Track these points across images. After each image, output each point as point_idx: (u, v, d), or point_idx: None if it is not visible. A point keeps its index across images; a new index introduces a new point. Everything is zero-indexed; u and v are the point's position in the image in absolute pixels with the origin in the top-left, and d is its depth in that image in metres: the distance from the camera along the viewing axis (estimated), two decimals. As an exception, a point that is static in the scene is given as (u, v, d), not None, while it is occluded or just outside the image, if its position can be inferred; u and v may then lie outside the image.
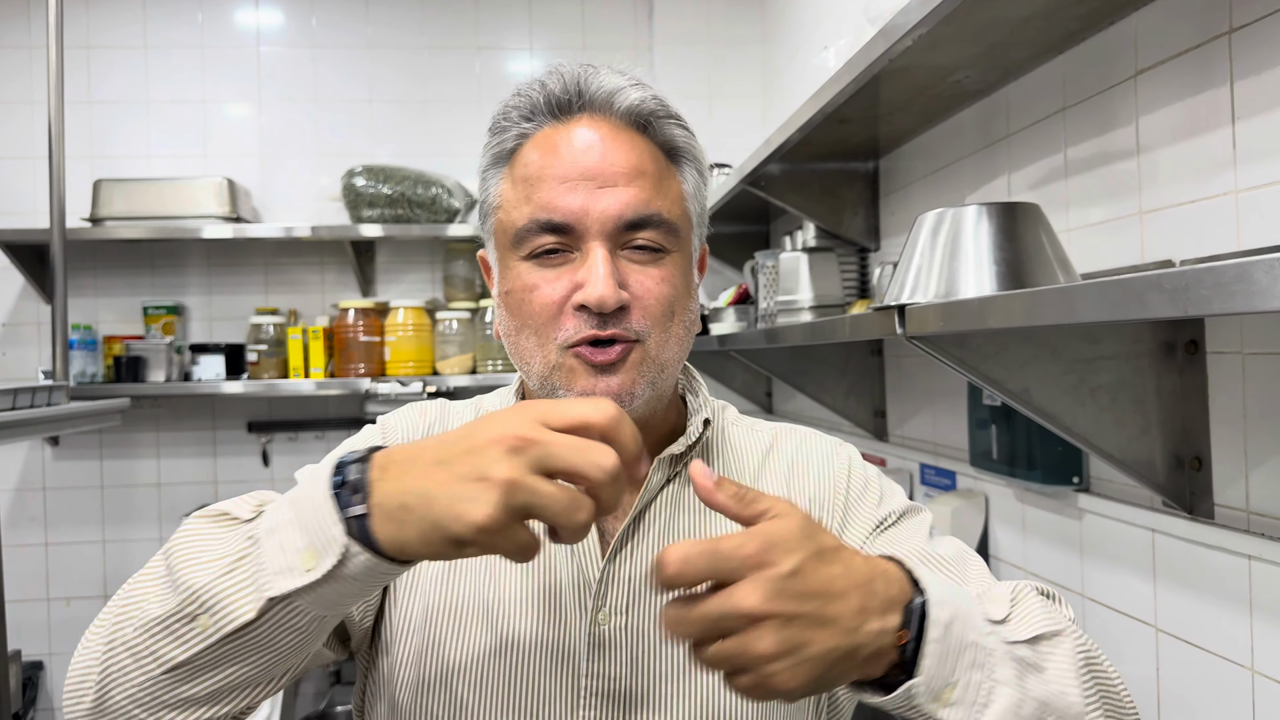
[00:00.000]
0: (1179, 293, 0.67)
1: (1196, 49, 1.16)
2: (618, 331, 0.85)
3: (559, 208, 0.85)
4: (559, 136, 0.89)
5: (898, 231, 2.11)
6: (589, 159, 0.86)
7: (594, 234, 0.85)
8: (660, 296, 0.87)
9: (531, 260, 0.87)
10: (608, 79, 0.90)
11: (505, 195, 0.90)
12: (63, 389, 2.33)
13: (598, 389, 0.86)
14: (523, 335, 0.88)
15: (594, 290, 0.83)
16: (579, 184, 0.86)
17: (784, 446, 1.02)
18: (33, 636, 3.28)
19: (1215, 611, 1.16)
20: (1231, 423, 1.14)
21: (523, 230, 0.87)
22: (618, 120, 0.89)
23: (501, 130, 0.92)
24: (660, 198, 0.88)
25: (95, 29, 3.33)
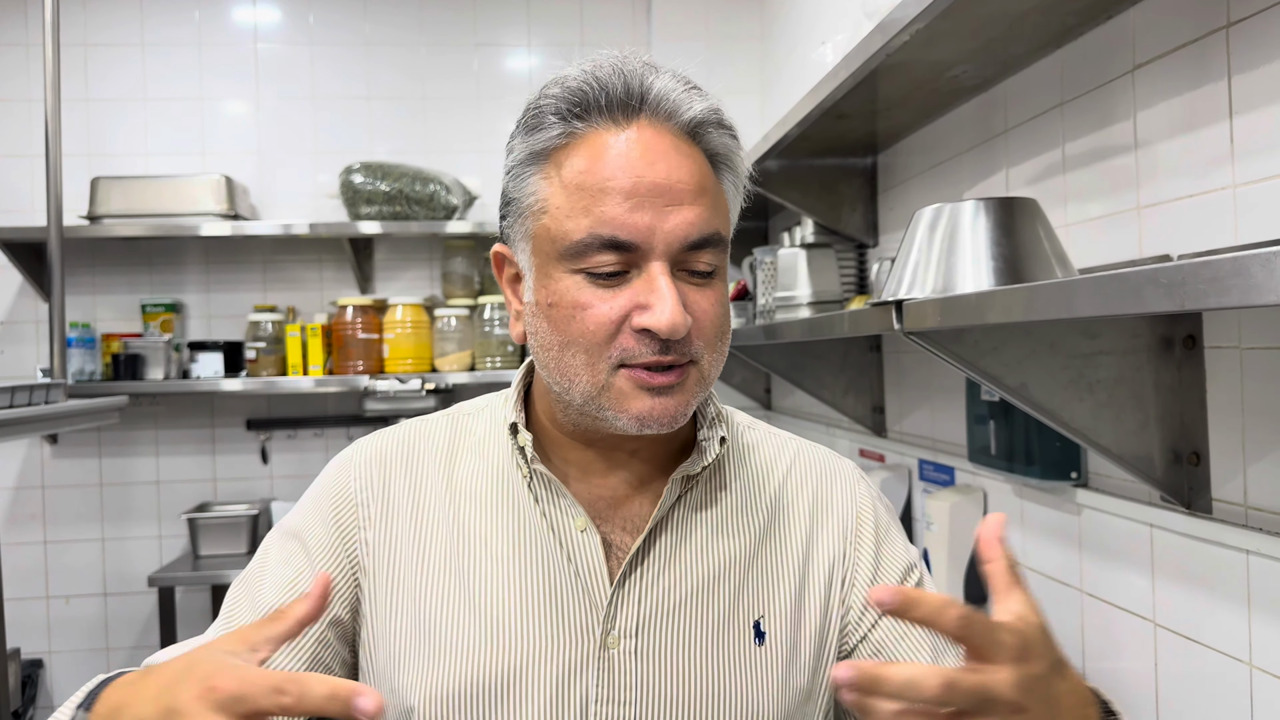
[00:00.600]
0: (1175, 287, 0.67)
1: (1194, 43, 1.16)
2: (678, 356, 0.82)
3: (626, 225, 0.80)
4: (619, 143, 0.82)
5: (896, 227, 2.11)
6: (655, 173, 0.81)
7: (658, 254, 0.81)
8: (715, 319, 0.85)
9: (583, 275, 0.82)
10: (670, 84, 0.84)
11: (553, 201, 0.83)
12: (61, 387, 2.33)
13: (654, 410, 0.82)
14: (569, 352, 0.83)
15: (663, 317, 0.79)
16: (645, 200, 0.80)
17: (809, 462, 1.00)
18: (32, 634, 3.28)
19: (1213, 606, 1.16)
20: (1230, 417, 1.14)
21: (579, 245, 0.81)
22: (677, 130, 0.84)
23: (541, 125, 0.84)
24: (718, 216, 0.85)
25: (92, 26, 3.33)
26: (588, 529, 0.89)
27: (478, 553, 0.90)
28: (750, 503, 0.95)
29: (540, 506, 0.91)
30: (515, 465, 0.93)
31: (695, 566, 0.90)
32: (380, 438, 0.99)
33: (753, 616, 0.91)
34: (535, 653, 0.86)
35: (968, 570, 1.72)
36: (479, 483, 0.93)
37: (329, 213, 3.35)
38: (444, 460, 0.95)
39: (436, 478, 0.94)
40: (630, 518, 0.92)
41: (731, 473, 0.96)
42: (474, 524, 0.91)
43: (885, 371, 2.24)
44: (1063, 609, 1.50)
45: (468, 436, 0.97)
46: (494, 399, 1.01)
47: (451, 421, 0.99)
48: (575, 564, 0.89)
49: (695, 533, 0.92)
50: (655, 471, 0.93)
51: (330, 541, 0.92)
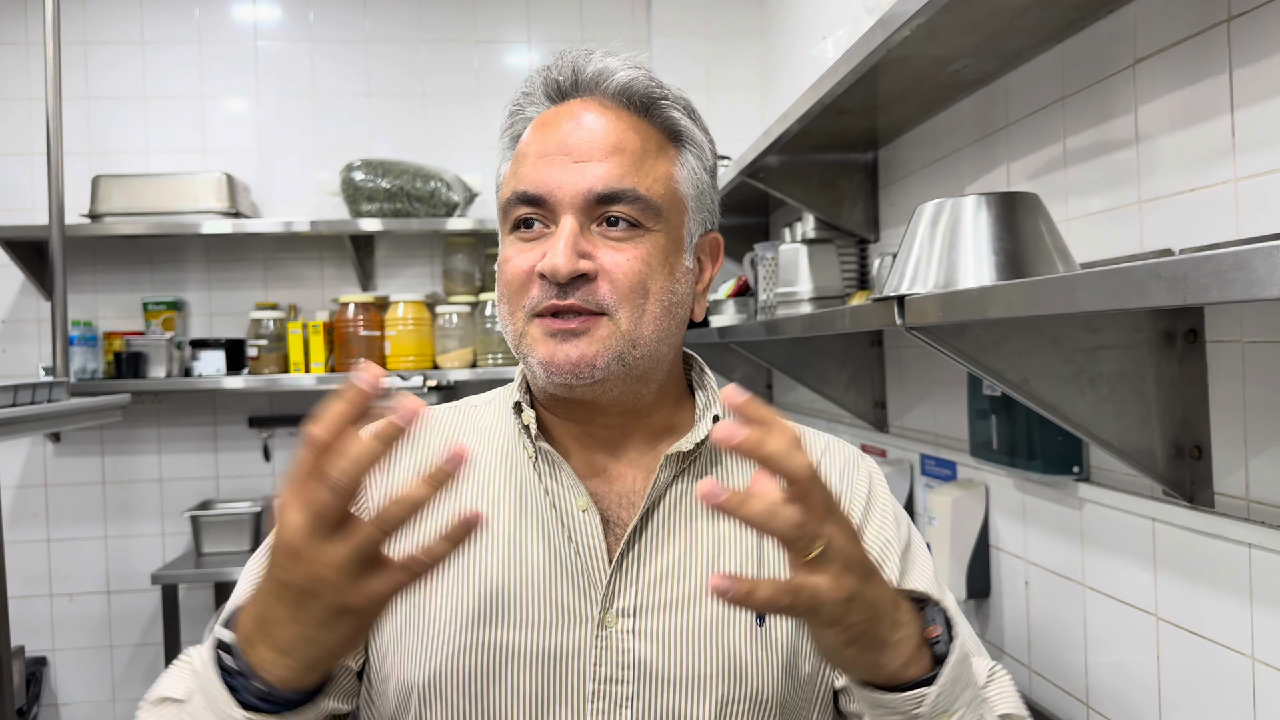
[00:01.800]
0: (1178, 281, 0.67)
1: (1195, 37, 1.16)
2: (576, 302, 0.86)
3: (534, 180, 0.88)
4: (550, 117, 0.92)
5: (897, 222, 2.11)
6: (569, 136, 0.89)
7: (565, 206, 0.87)
8: (630, 272, 0.88)
9: (513, 234, 0.91)
10: (600, 61, 0.92)
11: (503, 174, 0.95)
12: (63, 385, 2.33)
13: (557, 356, 0.87)
14: (501, 306, 0.92)
15: (550, 259, 0.85)
16: (556, 158, 0.88)
17: (810, 446, 0.99)
18: (36, 632, 3.29)
19: (1215, 600, 1.16)
20: (1231, 411, 1.14)
21: (505, 203, 0.91)
22: (610, 101, 0.92)
23: (512, 116, 0.96)
24: (637, 175, 0.89)
25: (92, 25, 3.33)
26: (589, 509, 0.90)
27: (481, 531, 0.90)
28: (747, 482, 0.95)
29: (544, 484, 0.92)
30: (520, 446, 0.95)
31: (694, 546, 0.91)
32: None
33: None
34: (533, 630, 0.87)
35: (969, 566, 1.73)
36: (483, 462, 0.95)
37: (330, 210, 3.35)
38: (449, 440, 0.98)
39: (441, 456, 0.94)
40: (627, 494, 0.93)
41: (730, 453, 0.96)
42: (476, 502, 0.93)
43: (887, 366, 2.24)
44: (1066, 603, 1.50)
45: (474, 424, 1.00)
46: (500, 392, 1.03)
47: (458, 412, 1.02)
48: (575, 542, 0.90)
49: (693, 513, 0.92)
50: (649, 450, 0.95)
51: None
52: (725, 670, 0.88)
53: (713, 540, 0.92)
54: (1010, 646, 1.68)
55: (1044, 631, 1.57)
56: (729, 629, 0.90)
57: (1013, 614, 1.67)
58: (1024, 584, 1.63)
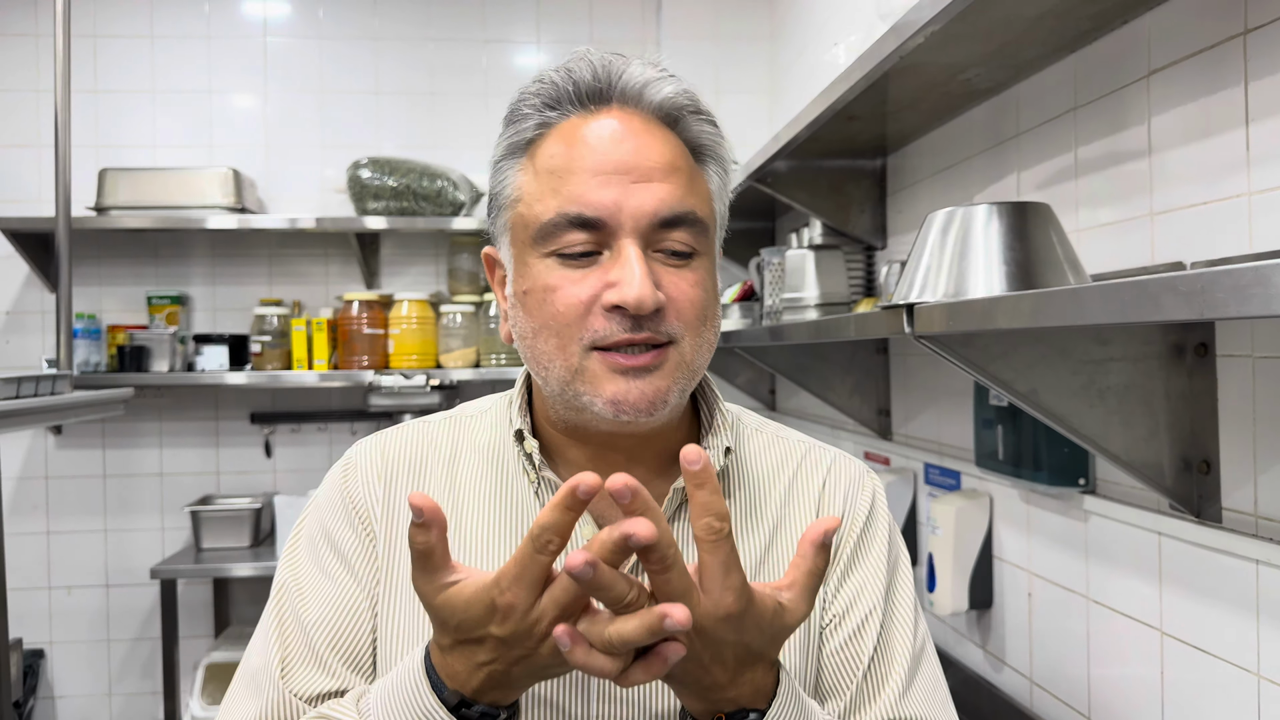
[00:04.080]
0: (1195, 295, 0.67)
1: (1210, 49, 1.16)
2: (652, 335, 0.80)
3: (591, 202, 0.80)
4: (587, 127, 0.83)
5: (905, 230, 2.11)
6: (623, 152, 0.81)
7: (627, 231, 0.80)
8: (694, 300, 0.83)
9: (555, 258, 0.82)
10: (639, 70, 0.85)
11: (526, 188, 0.84)
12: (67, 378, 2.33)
13: (631, 395, 0.81)
14: (541, 338, 0.83)
15: (631, 290, 0.78)
16: (612, 177, 0.80)
17: (816, 464, 0.98)
18: (34, 625, 3.28)
19: (1221, 616, 1.16)
20: (1241, 426, 1.13)
21: (549, 225, 0.81)
22: (648, 114, 0.85)
23: (520, 119, 0.86)
24: (693, 195, 0.84)
25: (102, 18, 3.33)
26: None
27: (481, 559, 0.88)
28: (756, 508, 0.93)
29: None
30: (521, 471, 0.91)
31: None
32: (384, 441, 0.96)
33: None
34: None
35: (972, 576, 1.72)
36: (483, 487, 0.91)
37: (336, 207, 3.35)
38: (447, 465, 0.93)
39: (440, 482, 0.92)
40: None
41: (737, 479, 0.94)
42: (478, 529, 0.89)
43: (892, 374, 2.23)
44: (1069, 616, 1.49)
45: (471, 440, 0.95)
46: (497, 401, 0.99)
47: (454, 424, 0.97)
48: None
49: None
50: (658, 474, 0.91)
51: (361, 541, 0.90)
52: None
53: None
54: (1011, 658, 1.68)
55: (1046, 643, 1.57)
56: None
57: (1015, 625, 1.66)
58: (1027, 595, 1.62)
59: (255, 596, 3.38)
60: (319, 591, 0.90)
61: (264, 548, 3.17)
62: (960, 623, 1.85)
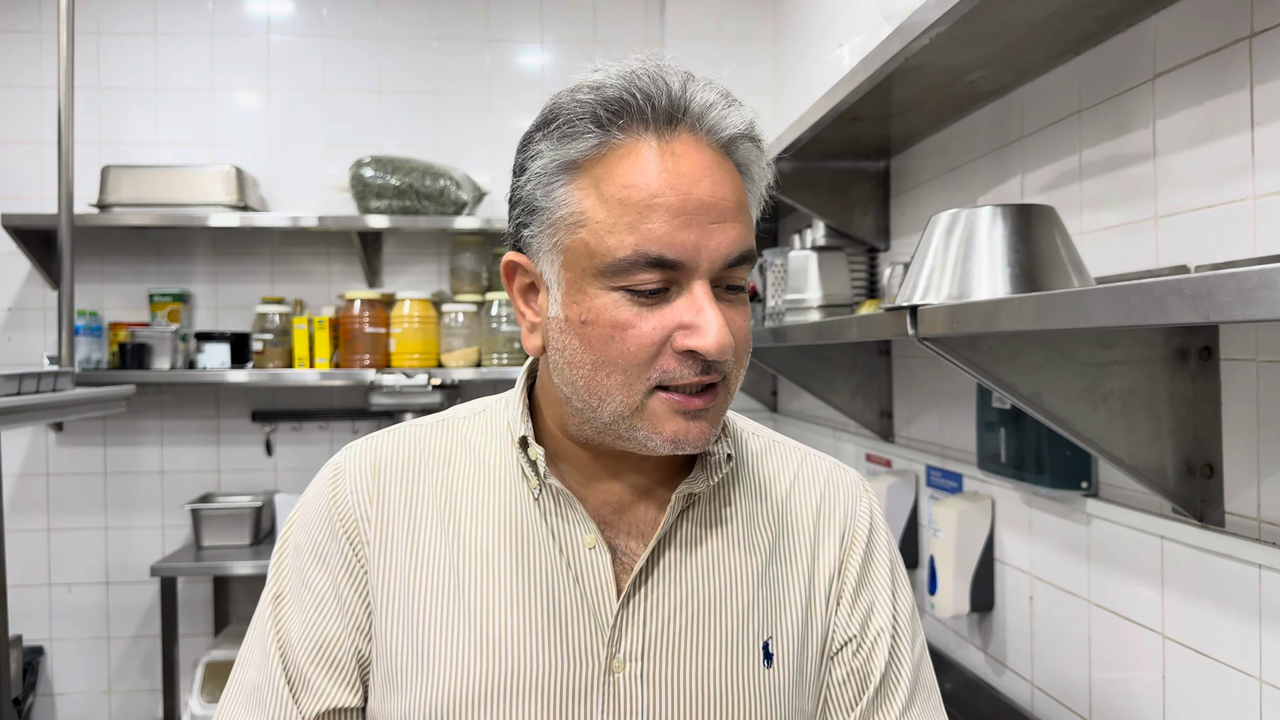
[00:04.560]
0: (1201, 298, 0.66)
1: (1216, 53, 1.15)
2: (715, 376, 0.80)
3: (674, 244, 0.77)
4: (664, 157, 0.78)
5: (908, 231, 2.11)
6: (702, 191, 0.78)
7: (702, 272, 0.79)
8: (746, 335, 0.84)
9: (624, 293, 0.79)
10: (710, 94, 0.81)
11: (592, 215, 0.79)
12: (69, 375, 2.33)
13: (690, 433, 0.81)
14: (603, 372, 0.80)
15: (710, 339, 0.77)
16: (693, 218, 0.78)
17: (813, 473, 0.98)
18: (34, 622, 3.28)
19: (1224, 620, 1.15)
20: (1244, 430, 1.13)
21: (624, 262, 0.77)
22: (716, 144, 0.82)
23: (575, 134, 0.80)
24: (751, 232, 0.83)
25: (106, 15, 3.33)
26: (596, 546, 0.87)
27: (477, 567, 0.87)
28: (757, 517, 0.93)
29: (548, 521, 0.88)
30: (521, 476, 0.90)
31: (702, 585, 0.88)
32: (374, 444, 0.94)
33: (762, 637, 0.89)
34: (535, 674, 0.84)
35: (973, 579, 1.72)
36: (478, 493, 0.90)
37: (338, 206, 3.35)
38: (441, 470, 0.92)
39: (434, 488, 0.91)
40: (636, 524, 0.90)
41: (737, 486, 0.94)
42: (473, 536, 0.88)
43: (894, 376, 2.23)
44: (1070, 619, 1.49)
45: (465, 444, 0.93)
46: (491, 404, 0.97)
47: (447, 428, 0.95)
48: (582, 583, 0.86)
49: (701, 549, 0.89)
50: (661, 479, 0.91)
51: (347, 561, 0.90)
52: (737, 714, 0.86)
53: (722, 577, 0.89)
54: (1013, 661, 1.67)
55: (1048, 646, 1.56)
56: (738, 670, 0.87)
57: (1016, 628, 1.66)
58: (1028, 598, 1.62)
59: (255, 595, 3.36)
60: (303, 606, 0.90)
61: (264, 546, 3.16)
62: (961, 625, 1.85)
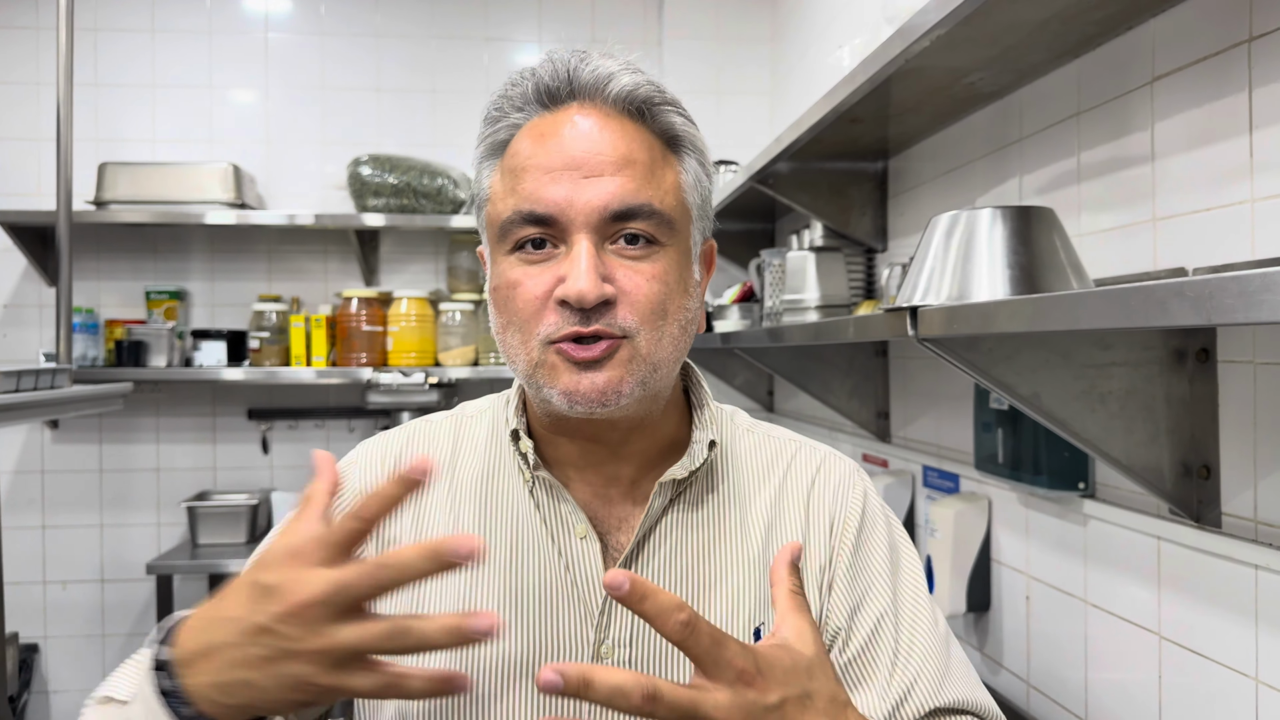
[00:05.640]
0: (1202, 301, 0.67)
1: (1215, 56, 1.16)
2: (600, 328, 0.81)
3: (542, 199, 0.82)
4: (547, 126, 0.85)
5: (906, 232, 2.11)
6: (575, 148, 0.83)
7: (579, 226, 0.82)
8: (650, 294, 0.83)
9: (516, 254, 0.84)
10: (599, 64, 0.86)
11: (494, 188, 0.87)
12: (66, 372, 2.33)
13: (581, 385, 0.82)
14: (508, 332, 0.85)
15: (574, 285, 0.80)
16: (563, 174, 0.82)
17: (806, 463, 0.98)
18: (29, 619, 3.28)
19: (1220, 620, 1.16)
20: (1241, 432, 1.14)
21: (506, 222, 0.84)
22: (610, 108, 0.86)
23: (494, 121, 0.89)
24: (651, 187, 0.84)
25: (103, 12, 3.32)
26: (588, 536, 0.88)
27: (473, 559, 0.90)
28: (747, 507, 0.94)
29: (540, 513, 0.90)
30: (517, 469, 0.92)
31: (691, 573, 0.90)
32: (385, 437, 0.99)
33: (753, 624, 0.89)
34: (526, 659, 0.86)
35: (970, 579, 1.72)
36: (479, 485, 0.93)
37: (335, 204, 3.35)
38: (447, 460, 0.95)
39: (442, 482, 0.94)
40: (625, 517, 0.91)
41: (728, 476, 0.95)
42: (472, 526, 0.91)
43: (891, 377, 2.23)
44: (1067, 619, 1.50)
45: (471, 439, 0.97)
46: (497, 400, 1.00)
47: (456, 422, 0.99)
48: (572, 572, 0.88)
49: (691, 537, 0.90)
50: (646, 470, 0.92)
51: None
52: None
53: (712, 565, 0.90)
54: (1009, 661, 1.68)
55: (1044, 647, 1.57)
56: None
57: (1012, 628, 1.67)
58: (1025, 598, 1.62)
59: (251, 593, 3.37)
60: None
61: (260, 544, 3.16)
62: (958, 625, 1.85)
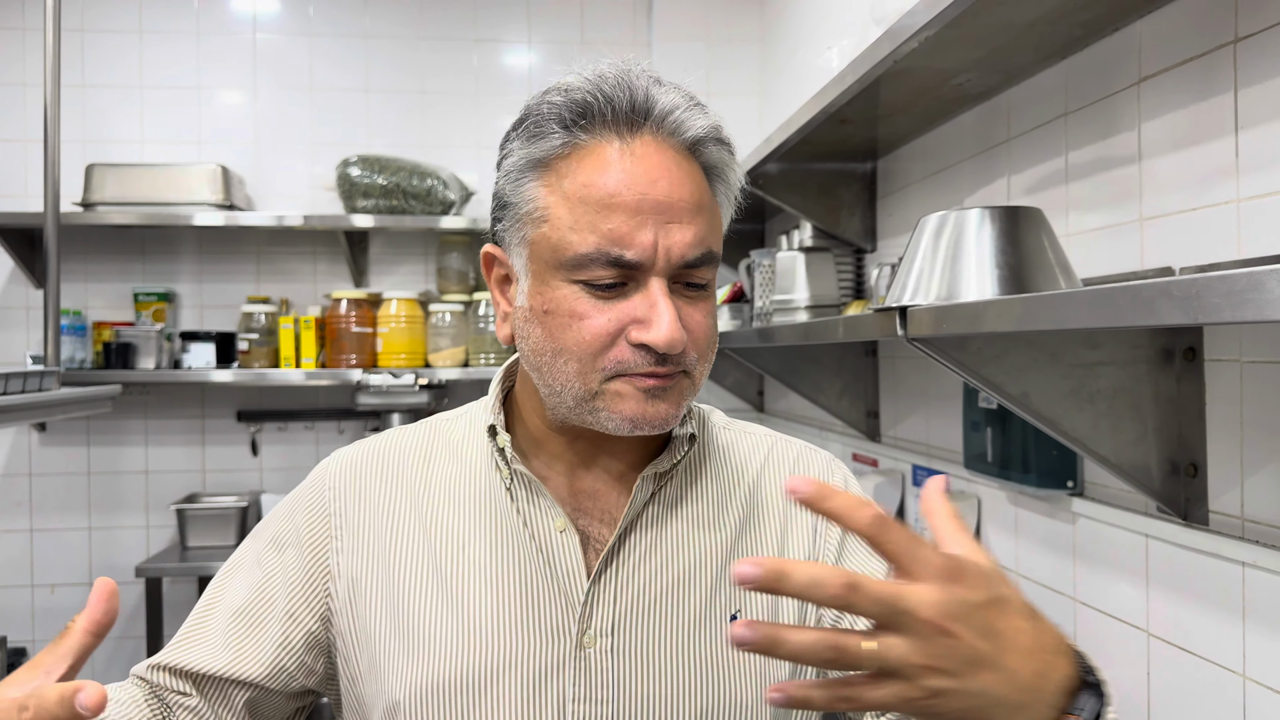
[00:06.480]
0: (1189, 300, 0.68)
1: (1201, 57, 1.17)
2: (673, 368, 0.84)
3: (633, 244, 0.80)
4: (623, 158, 0.82)
5: (895, 233, 2.12)
6: (659, 190, 0.81)
7: (658, 270, 0.82)
8: (707, 330, 0.87)
9: (582, 285, 0.82)
10: (674, 97, 0.85)
11: (554, 211, 0.83)
12: (54, 374, 2.32)
13: (648, 413, 0.84)
14: (561, 359, 0.84)
15: (661, 334, 0.80)
16: (649, 218, 0.81)
17: (783, 456, 1.01)
18: (17, 623, 3.26)
19: (1208, 617, 1.17)
20: (1228, 430, 1.15)
21: (583, 258, 0.81)
22: (679, 145, 0.85)
23: (544, 134, 0.84)
24: (714, 232, 0.86)
25: (90, 12, 3.31)
26: (567, 529, 0.90)
27: (453, 553, 0.91)
28: (725, 498, 0.96)
29: (517, 506, 0.92)
30: (494, 467, 0.93)
31: (671, 562, 0.91)
32: (357, 446, 1.01)
33: (729, 611, 0.91)
34: (510, 653, 0.87)
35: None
36: (455, 484, 0.94)
37: (324, 205, 3.34)
38: (420, 462, 0.97)
39: (412, 480, 0.96)
40: (609, 510, 0.93)
41: (707, 469, 0.97)
42: (449, 525, 0.92)
43: (880, 376, 2.24)
44: (1056, 617, 1.50)
45: (445, 440, 0.98)
46: (473, 406, 1.02)
47: (430, 428, 1.01)
48: (552, 565, 0.89)
49: (670, 529, 0.92)
50: (634, 466, 0.94)
51: (301, 553, 0.94)
52: (708, 686, 0.89)
53: (690, 556, 0.92)
54: (999, 659, 1.68)
55: (1033, 645, 1.58)
56: (707, 644, 0.90)
57: (1002, 626, 1.67)
58: (1014, 597, 1.63)
59: (240, 595, 3.36)
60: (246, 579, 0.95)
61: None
62: (947, 624, 1.86)
